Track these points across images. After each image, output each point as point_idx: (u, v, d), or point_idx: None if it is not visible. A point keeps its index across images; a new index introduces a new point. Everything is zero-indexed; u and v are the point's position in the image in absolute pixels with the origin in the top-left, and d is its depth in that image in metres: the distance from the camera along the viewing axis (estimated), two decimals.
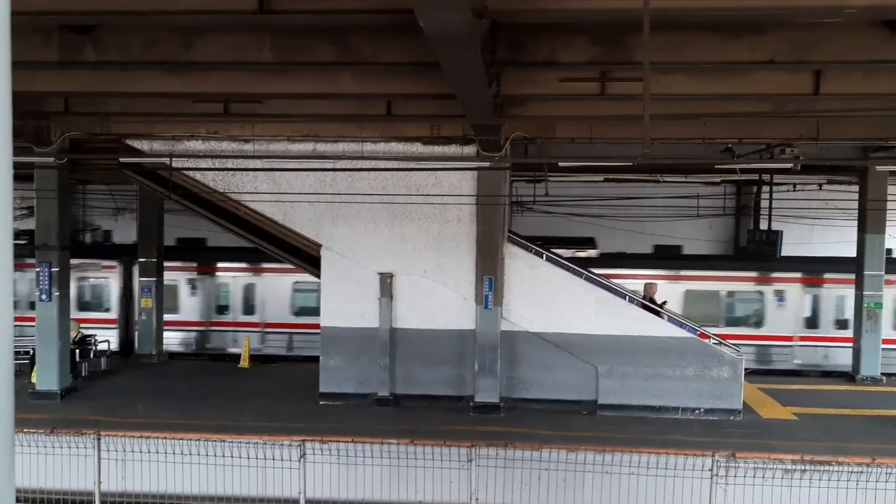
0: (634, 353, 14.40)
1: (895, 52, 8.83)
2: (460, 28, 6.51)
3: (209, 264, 21.43)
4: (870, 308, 17.79)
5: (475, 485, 10.60)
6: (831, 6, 6.92)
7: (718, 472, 10.19)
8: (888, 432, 13.62)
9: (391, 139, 14.36)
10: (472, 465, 10.59)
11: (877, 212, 17.50)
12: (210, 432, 11.34)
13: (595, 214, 23.51)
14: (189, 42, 9.43)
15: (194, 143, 14.65)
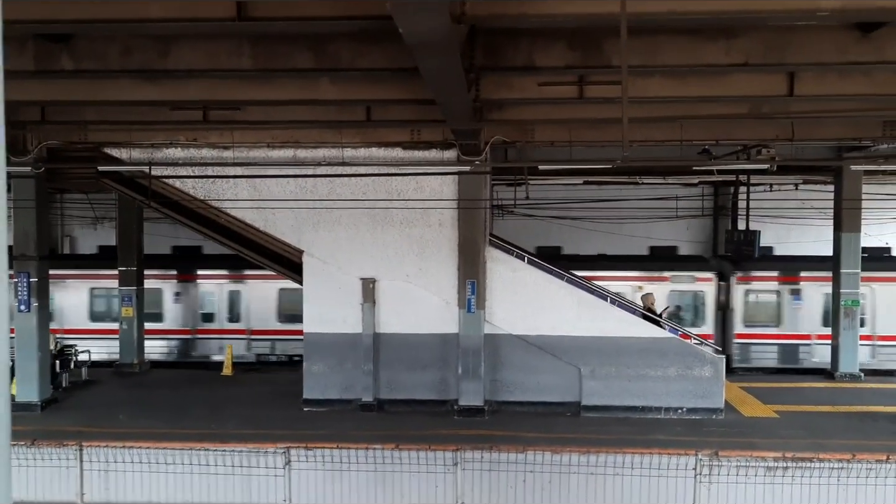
0: (617, 354, 14.49)
1: (867, 53, 8.97)
2: (438, 33, 6.55)
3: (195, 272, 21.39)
4: (847, 306, 18.03)
5: (461, 488, 10.63)
6: (803, 9, 7.02)
7: (702, 470, 10.30)
8: (867, 428, 13.80)
9: (371, 144, 14.37)
10: (458, 469, 10.62)
11: (852, 210, 17.75)
12: (194, 441, 11.27)
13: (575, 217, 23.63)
14: (166, 50, 9.39)
15: (173, 150, 14.57)
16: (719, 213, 26.69)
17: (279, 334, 20.93)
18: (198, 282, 21.42)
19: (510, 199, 20.84)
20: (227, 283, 21.30)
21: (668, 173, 20.61)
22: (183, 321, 21.40)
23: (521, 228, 22.75)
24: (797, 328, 20.48)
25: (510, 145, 14.93)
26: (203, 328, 21.33)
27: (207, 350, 21.27)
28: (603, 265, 21.10)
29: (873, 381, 17.73)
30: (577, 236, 24.26)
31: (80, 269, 21.62)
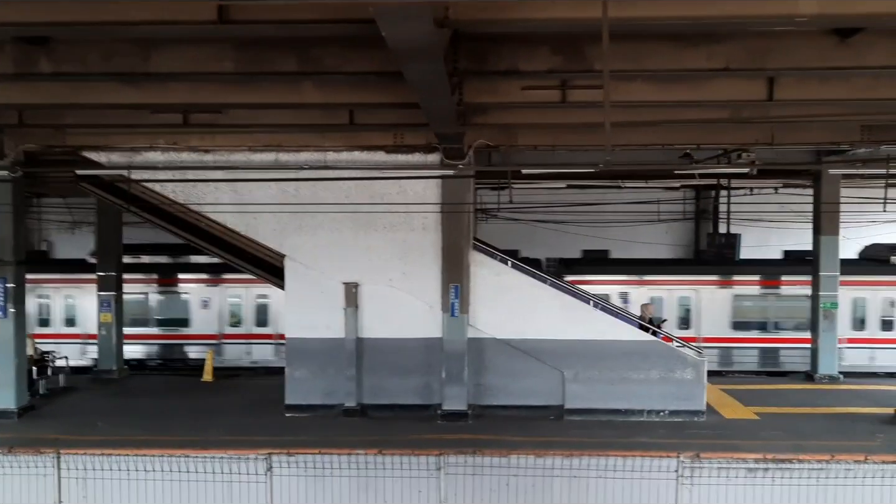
0: (600, 357, 14.54)
1: (845, 58, 9.09)
2: (422, 38, 6.55)
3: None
4: (826, 308, 18.21)
5: (444, 493, 10.60)
6: (782, 14, 7.10)
7: (683, 472, 10.34)
8: (846, 429, 13.94)
9: (354, 148, 14.33)
10: (441, 474, 10.59)
11: (831, 214, 17.94)
12: (174, 448, 11.16)
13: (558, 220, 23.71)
14: (147, 53, 9.32)
15: (153, 154, 14.44)
16: (701, 217, 26.91)
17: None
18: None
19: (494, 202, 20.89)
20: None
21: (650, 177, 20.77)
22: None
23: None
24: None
25: (494, 149, 14.95)
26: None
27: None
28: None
29: (852, 383, 17.92)
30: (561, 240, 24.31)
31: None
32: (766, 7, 7.05)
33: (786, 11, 7.03)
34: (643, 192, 23.52)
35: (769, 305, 21.11)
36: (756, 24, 8.38)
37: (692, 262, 23.69)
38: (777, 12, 7.07)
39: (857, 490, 10.27)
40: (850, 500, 10.29)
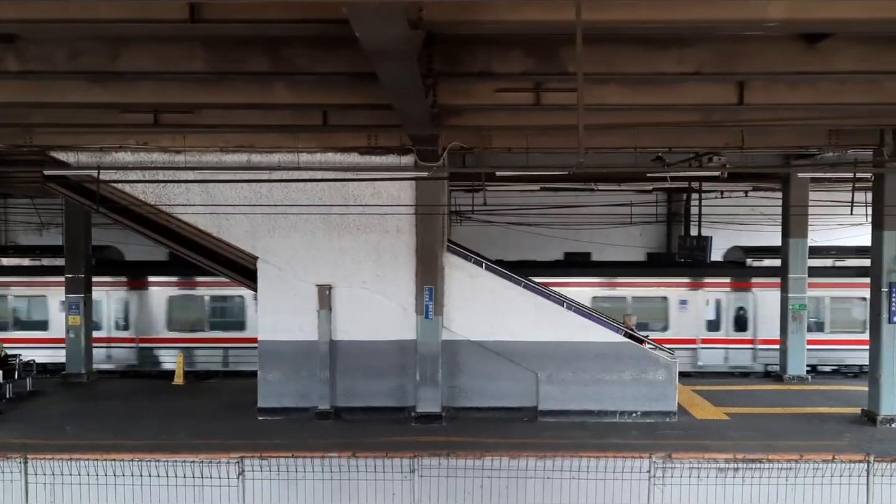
0: (573, 359, 14.61)
1: (813, 64, 9.22)
2: (396, 39, 6.52)
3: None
4: (795, 310, 18.48)
5: (418, 495, 10.58)
6: (752, 19, 7.19)
7: (656, 473, 10.42)
8: (814, 429, 14.15)
9: (328, 149, 14.27)
10: (415, 476, 10.57)
11: (799, 217, 18.22)
12: (143, 452, 11.01)
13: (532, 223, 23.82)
14: (116, 51, 9.18)
15: (123, 154, 14.27)
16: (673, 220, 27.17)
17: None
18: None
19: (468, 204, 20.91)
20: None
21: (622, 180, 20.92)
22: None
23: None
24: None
25: (468, 151, 14.98)
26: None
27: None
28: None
29: (819, 383, 18.20)
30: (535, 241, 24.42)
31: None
32: (737, 11, 7.12)
33: (755, 16, 7.11)
34: (616, 195, 23.70)
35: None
36: (726, 28, 8.47)
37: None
38: (747, 17, 7.15)
39: (825, 489, 10.42)
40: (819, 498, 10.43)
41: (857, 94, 10.70)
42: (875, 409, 14.43)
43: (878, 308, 14.43)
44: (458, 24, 7.51)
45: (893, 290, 14.18)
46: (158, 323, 20.75)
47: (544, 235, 24.00)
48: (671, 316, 20.80)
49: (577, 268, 21.68)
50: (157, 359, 20.71)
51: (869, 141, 14.31)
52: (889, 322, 14.21)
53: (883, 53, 9.13)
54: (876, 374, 14.46)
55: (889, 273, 14.21)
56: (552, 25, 7.39)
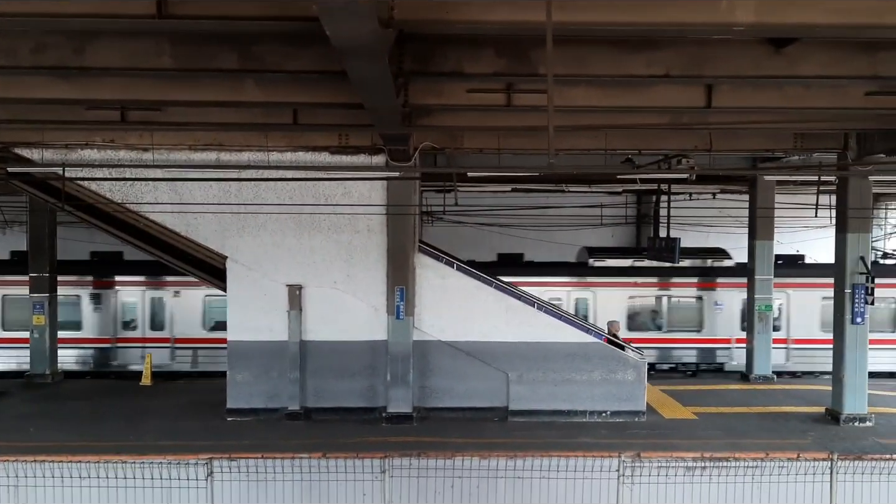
0: (544, 359, 14.68)
1: (780, 68, 9.36)
2: (367, 37, 6.50)
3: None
4: (761, 310, 18.76)
5: (389, 495, 10.55)
6: (720, 23, 7.27)
7: (624, 472, 10.50)
8: (780, 428, 14.37)
9: (298, 148, 14.18)
10: (386, 476, 10.54)
11: (765, 219, 18.50)
12: (110, 454, 10.84)
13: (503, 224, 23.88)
14: (82, 46, 9.01)
15: (89, 151, 14.05)
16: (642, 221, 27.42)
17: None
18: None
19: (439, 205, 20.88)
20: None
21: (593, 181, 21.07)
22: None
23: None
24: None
25: (439, 152, 14.98)
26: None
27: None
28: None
29: (785, 383, 18.49)
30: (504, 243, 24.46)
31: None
32: (706, 15, 7.19)
33: (724, 20, 7.19)
34: (587, 196, 23.85)
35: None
36: (696, 31, 8.57)
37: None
38: (716, 20, 7.22)
39: (790, 486, 10.58)
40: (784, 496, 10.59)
41: (821, 98, 10.90)
42: (838, 408, 14.70)
43: (841, 309, 14.70)
44: (429, 24, 7.50)
45: (857, 292, 14.45)
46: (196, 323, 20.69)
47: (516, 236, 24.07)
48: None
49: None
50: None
51: (833, 145, 14.58)
52: (852, 323, 14.48)
53: (847, 59, 9.30)
54: (839, 374, 14.72)
55: (852, 275, 14.49)
56: (523, 26, 7.41)
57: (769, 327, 18.85)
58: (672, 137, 14.24)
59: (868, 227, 14.89)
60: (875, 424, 14.43)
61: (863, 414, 14.53)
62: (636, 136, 14.11)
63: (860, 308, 14.46)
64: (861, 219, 14.50)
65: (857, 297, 14.45)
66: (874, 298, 14.66)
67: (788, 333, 21.09)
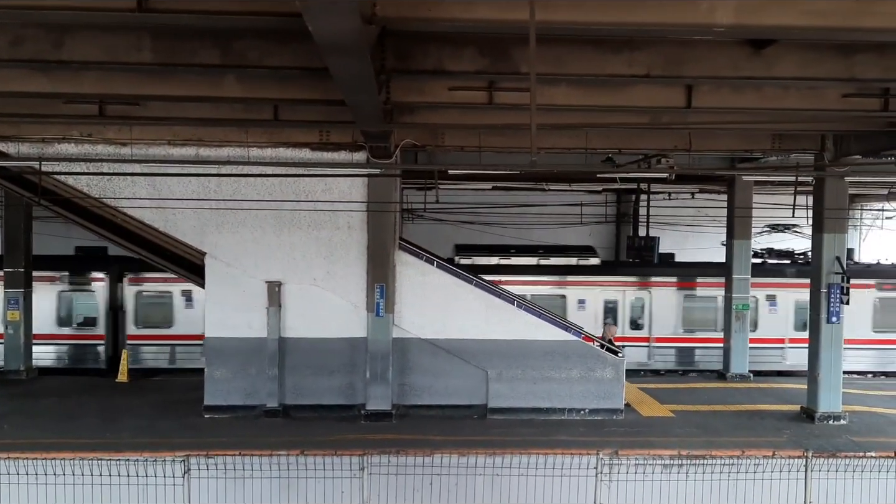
0: (523, 356, 14.73)
1: (758, 69, 9.46)
2: (349, 34, 6.48)
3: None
4: (738, 309, 18.94)
5: (367, 493, 10.53)
6: (701, 24, 7.33)
7: (603, 469, 10.55)
8: (755, 426, 14.53)
9: (279, 145, 14.11)
10: (364, 474, 10.51)
11: (743, 219, 18.68)
12: (86, 451, 10.73)
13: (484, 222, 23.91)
14: (60, 40, 8.92)
15: (66, 146, 13.88)
16: (621, 220, 27.57)
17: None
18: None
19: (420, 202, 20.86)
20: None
21: (573, 180, 21.16)
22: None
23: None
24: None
25: (420, 149, 14.98)
26: None
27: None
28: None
29: (761, 382, 18.69)
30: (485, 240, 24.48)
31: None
32: (686, 16, 7.25)
33: (704, 21, 7.25)
34: (567, 195, 23.95)
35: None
36: (676, 32, 8.64)
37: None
38: (696, 21, 7.28)
39: (765, 484, 10.68)
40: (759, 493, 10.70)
41: (799, 99, 11.03)
42: (813, 406, 14.89)
43: (817, 308, 14.88)
44: (411, 21, 7.49)
45: (832, 291, 14.64)
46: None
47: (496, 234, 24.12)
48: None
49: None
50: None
51: (810, 146, 14.76)
52: (827, 322, 14.67)
53: (824, 61, 9.42)
54: (815, 373, 14.91)
55: (828, 274, 14.67)
56: (505, 24, 7.43)
57: (746, 326, 19.03)
58: (652, 137, 14.35)
59: (844, 227, 15.09)
60: (849, 422, 14.63)
61: (837, 412, 14.73)
62: (616, 136, 14.19)
63: (835, 307, 14.64)
64: (837, 219, 14.68)
65: (833, 296, 14.63)
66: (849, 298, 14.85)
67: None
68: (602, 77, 9.68)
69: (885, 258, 23.07)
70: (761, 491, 10.69)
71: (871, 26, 7.25)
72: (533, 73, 6.22)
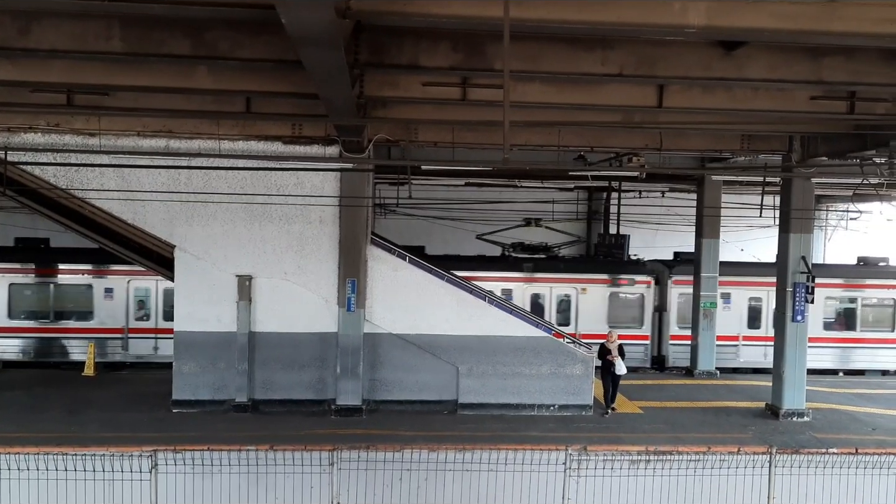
0: (494, 352, 14.78)
1: (729, 70, 9.58)
2: (323, 27, 6.44)
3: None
4: (706, 307, 19.17)
5: (336, 488, 10.51)
6: (674, 25, 7.40)
7: (571, 465, 10.64)
8: (721, 422, 14.74)
9: (250, 137, 13.99)
10: (334, 469, 10.49)
11: (712, 218, 18.92)
12: (50, 445, 10.57)
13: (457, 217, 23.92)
14: (27, 27, 8.74)
15: (33, 135, 13.63)
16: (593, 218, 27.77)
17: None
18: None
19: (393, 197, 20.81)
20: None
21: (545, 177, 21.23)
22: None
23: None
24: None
25: (394, 144, 14.93)
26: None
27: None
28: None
29: (727, 379, 18.95)
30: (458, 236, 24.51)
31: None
32: (658, 16, 7.31)
33: (676, 21, 7.32)
34: (539, 192, 24.05)
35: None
36: (649, 32, 8.70)
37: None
38: (669, 22, 7.35)
39: (730, 479, 10.85)
40: (724, 489, 10.87)
41: (768, 101, 11.19)
42: (778, 404, 15.14)
43: (782, 307, 15.13)
44: (386, 15, 7.46)
45: (798, 290, 14.88)
46: None
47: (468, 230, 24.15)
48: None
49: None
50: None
51: (779, 147, 14.98)
52: (792, 321, 14.91)
53: (793, 63, 9.57)
54: (779, 370, 15.16)
55: (794, 274, 14.91)
56: (480, 21, 7.43)
57: (713, 324, 19.27)
58: (623, 136, 14.46)
59: (810, 227, 15.33)
60: (812, 419, 14.90)
61: (801, 409, 15.00)
62: (589, 134, 14.28)
63: (801, 306, 14.88)
64: (803, 220, 14.92)
65: (798, 295, 14.87)
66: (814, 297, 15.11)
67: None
68: (575, 75, 9.74)
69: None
70: (726, 486, 10.86)
71: (839, 30, 7.37)
72: (507, 70, 6.23)
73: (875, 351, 21.17)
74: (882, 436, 13.94)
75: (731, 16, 7.31)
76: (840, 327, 21.26)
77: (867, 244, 25.95)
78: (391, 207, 22.42)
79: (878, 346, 21.16)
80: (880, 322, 21.30)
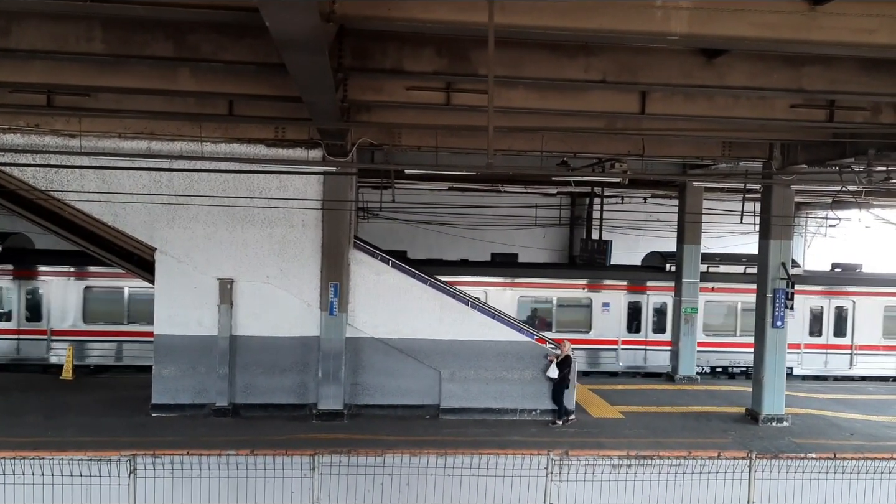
0: (476, 357, 14.79)
1: (710, 78, 9.67)
2: (307, 30, 6.42)
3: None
4: (687, 313, 19.30)
5: (318, 493, 10.45)
6: (656, 32, 7.45)
7: (553, 469, 10.65)
8: (702, 427, 14.83)
9: (233, 140, 13.92)
10: (315, 474, 10.43)
11: (693, 224, 19.06)
12: (27, 449, 10.43)
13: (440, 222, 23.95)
14: (7, 27, 8.66)
15: (12, 136, 13.49)
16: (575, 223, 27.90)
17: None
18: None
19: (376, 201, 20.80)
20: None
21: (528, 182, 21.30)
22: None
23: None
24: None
25: (377, 148, 14.92)
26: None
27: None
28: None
29: (707, 384, 19.08)
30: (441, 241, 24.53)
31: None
32: (641, 23, 7.36)
33: (658, 29, 7.38)
34: (522, 197, 24.13)
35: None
36: (631, 39, 8.77)
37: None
38: (650, 29, 7.40)
39: (710, 484, 10.91)
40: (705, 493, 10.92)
41: (749, 108, 11.30)
42: (758, 409, 15.26)
43: (762, 312, 15.25)
44: (370, 20, 7.46)
45: (777, 296, 15.01)
46: None
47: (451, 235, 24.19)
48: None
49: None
50: None
51: (759, 154, 15.13)
52: (772, 326, 15.04)
53: (773, 72, 9.66)
54: (759, 376, 15.28)
55: (773, 279, 15.04)
56: (464, 26, 7.45)
57: (694, 329, 19.40)
58: (606, 142, 14.54)
59: (790, 234, 15.48)
60: (791, 424, 15.03)
61: (780, 414, 15.13)
62: (572, 139, 14.34)
63: (780, 312, 15.02)
64: (783, 226, 15.06)
65: (778, 301, 15.01)
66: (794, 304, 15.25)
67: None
68: (558, 81, 9.78)
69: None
70: (706, 491, 10.91)
71: (819, 39, 7.45)
72: (491, 75, 6.25)
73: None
74: (860, 441, 14.09)
75: (713, 24, 7.38)
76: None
77: (843, 251, 26.28)
78: (374, 211, 22.40)
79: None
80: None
